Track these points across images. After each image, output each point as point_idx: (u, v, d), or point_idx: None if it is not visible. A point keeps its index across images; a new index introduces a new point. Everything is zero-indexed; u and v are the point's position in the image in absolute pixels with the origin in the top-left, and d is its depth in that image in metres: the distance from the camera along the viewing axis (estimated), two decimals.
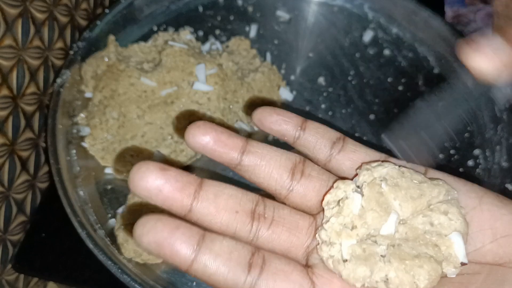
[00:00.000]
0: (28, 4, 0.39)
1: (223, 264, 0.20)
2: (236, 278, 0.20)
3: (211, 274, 0.20)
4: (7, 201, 0.41)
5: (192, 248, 0.19)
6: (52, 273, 0.42)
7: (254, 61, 0.48)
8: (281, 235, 0.22)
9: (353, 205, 0.22)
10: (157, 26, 0.52)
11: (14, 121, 0.40)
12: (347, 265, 0.21)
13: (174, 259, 0.19)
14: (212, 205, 0.21)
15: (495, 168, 0.45)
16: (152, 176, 0.20)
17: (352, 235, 0.21)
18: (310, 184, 0.23)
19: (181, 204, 0.21)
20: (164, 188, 0.20)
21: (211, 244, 0.20)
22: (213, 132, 0.22)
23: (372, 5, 0.54)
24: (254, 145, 0.23)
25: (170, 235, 0.19)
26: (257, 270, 0.20)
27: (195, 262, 0.19)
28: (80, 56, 0.45)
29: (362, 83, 0.50)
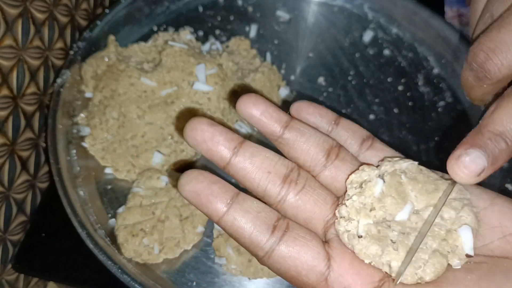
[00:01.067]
0: (28, 4, 0.39)
1: (250, 221, 0.22)
2: (259, 236, 0.22)
3: (238, 228, 0.22)
4: (7, 201, 0.41)
5: (225, 202, 0.22)
6: (52, 273, 0.42)
7: (254, 61, 0.48)
8: (306, 204, 0.23)
9: (375, 188, 0.23)
10: (157, 26, 0.52)
11: (14, 121, 0.40)
12: (361, 241, 0.22)
13: (208, 209, 0.22)
14: (248, 162, 0.23)
15: None
16: (201, 127, 0.23)
17: (370, 215, 0.23)
18: (343, 167, 0.24)
19: (221, 156, 0.23)
20: (209, 139, 0.23)
21: (243, 202, 0.22)
22: (263, 104, 0.24)
23: (372, 5, 0.55)
24: (297, 122, 0.25)
25: (208, 187, 0.22)
26: (280, 232, 0.22)
27: (226, 214, 0.22)
28: (80, 56, 0.45)
29: (362, 83, 0.50)
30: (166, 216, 0.39)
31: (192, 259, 0.39)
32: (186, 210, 0.39)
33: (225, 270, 0.38)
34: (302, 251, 0.22)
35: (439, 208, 0.22)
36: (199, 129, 0.23)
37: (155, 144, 0.42)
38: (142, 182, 0.40)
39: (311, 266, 0.22)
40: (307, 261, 0.22)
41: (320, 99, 0.49)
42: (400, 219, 0.22)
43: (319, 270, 0.22)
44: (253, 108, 0.24)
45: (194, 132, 0.23)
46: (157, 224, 0.38)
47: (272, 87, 0.47)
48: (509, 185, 0.43)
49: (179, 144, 0.42)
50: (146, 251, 0.38)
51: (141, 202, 0.39)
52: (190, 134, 0.23)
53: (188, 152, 0.42)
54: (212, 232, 0.40)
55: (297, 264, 0.22)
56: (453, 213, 0.22)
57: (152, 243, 0.38)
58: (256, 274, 0.38)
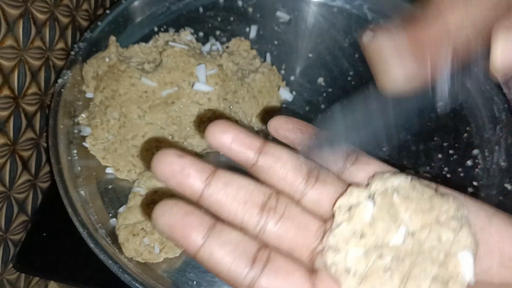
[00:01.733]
0: (29, 5, 0.39)
1: (228, 254, 0.20)
2: (238, 270, 0.20)
3: (216, 263, 0.20)
4: (8, 201, 0.41)
5: (201, 234, 0.20)
6: (53, 273, 0.42)
7: (254, 62, 0.48)
8: (288, 232, 0.22)
9: (365, 212, 0.21)
10: (158, 27, 0.52)
11: (15, 121, 0.40)
12: (349, 278, 0.20)
13: (183, 242, 0.20)
14: (222, 193, 0.22)
15: (494, 168, 0.45)
16: (169, 160, 0.21)
17: (360, 244, 0.21)
18: (324, 189, 0.23)
19: (193, 189, 0.21)
20: (178, 172, 0.21)
21: (220, 234, 0.21)
22: (233, 131, 0.22)
23: (371, 6, 0.55)
24: (271, 147, 0.23)
25: (183, 219, 0.20)
26: (260, 265, 0.20)
27: (202, 248, 0.20)
28: (81, 57, 0.45)
29: (362, 83, 0.50)
30: None
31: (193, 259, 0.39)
32: None
33: None
34: (284, 285, 0.20)
35: None
36: (167, 162, 0.21)
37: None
38: (142, 182, 0.40)
39: None
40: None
41: (319, 99, 0.49)
42: (394, 244, 0.21)
43: None
44: (223, 136, 0.22)
45: (162, 166, 0.21)
46: None
47: (272, 87, 0.47)
48: (508, 185, 0.43)
49: (179, 144, 0.42)
50: (147, 250, 0.38)
51: (142, 202, 0.40)
52: (158, 168, 0.21)
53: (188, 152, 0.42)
54: None
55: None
56: (451, 235, 0.21)
57: (152, 242, 0.38)
58: None
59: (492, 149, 0.46)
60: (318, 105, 0.48)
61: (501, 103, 0.47)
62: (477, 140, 0.47)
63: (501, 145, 0.45)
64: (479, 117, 0.48)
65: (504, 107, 0.46)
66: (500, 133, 0.46)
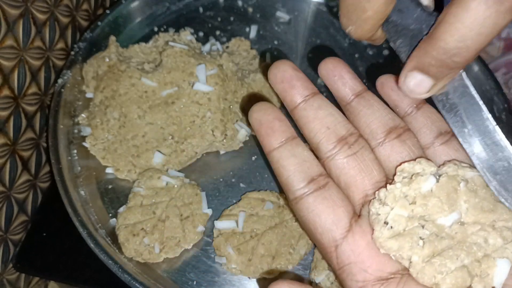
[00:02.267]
0: (29, 5, 0.39)
1: (293, 165, 0.23)
2: (295, 181, 0.23)
3: (280, 166, 0.23)
4: (8, 201, 0.41)
5: (279, 139, 0.23)
6: (53, 273, 0.42)
7: (254, 62, 0.48)
8: (351, 169, 0.23)
9: (425, 183, 0.22)
10: (158, 27, 0.52)
11: (15, 121, 0.40)
12: (383, 229, 0.21)
13: (263, 140, 0.23)
14: (312, 112, 0.24)
15: None
16: (284, 68, 0.24)
17: (407, 207, 0.21)
18: (399, 148, 0.24)
19: (292, 99, 0.24)
20: (287, 81, 0.24)
21: (295, 146, 0.23)
22: (343, 69, 0.26)
23: None
24: (369, 94, 0.25)
25: (272, 121, 0.23)
26: (315, 186, 0.23)
27: (275, 150, 0.23)
28: (81, 57, 0.45)
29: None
30: (166, 216, 0.39)
31: (193, 259, 0.39)
32: (186, 210, 0.39)
33: (225, 269, 0.38)
34: (326, 211, 0.22)
35: None
36: (282, 69, 0.24)
37: (156, 144, 0.42)
38: (142, 182, 0.40)
39: (327, 229, 0.22)
40: (326, 222, 0.22)
41: None
42: (441, 223, 0.21)
43: (333, 236, 0.22)
44: (334, 69, 0.25)
45: (276, 70, 0.24)
46: (158, 223, 0.39)
47: (272, 87, 0.47)
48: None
49: (179, 144, 0.42)
50: (147, 250, 0.38)
51: (142, 202, 0.40)
52: (273, 71, 0.24)
53: (189, 152, 0.42)
54: (212, 231, 0.40)
55: (316, 220, 0.22)
56: (500, 241, 0.21)
57: (152, 242, 0.38)
58: (256, 274, 0.38)
59: None
60: None
61: (501, 103, 0.46)
62: None
63: None
64: None
65: (504, 107, 0.46)
66: None
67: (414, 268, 0.21)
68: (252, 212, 0.40)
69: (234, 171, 0.44)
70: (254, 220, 0.39)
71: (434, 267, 0.20)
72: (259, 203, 0.40)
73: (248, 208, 0.40)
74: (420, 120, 0.25)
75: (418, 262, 0.20)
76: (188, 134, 0.42)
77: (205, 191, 0.42)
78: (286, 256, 0.38)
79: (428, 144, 0.25)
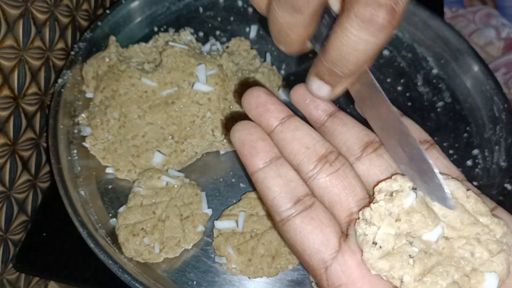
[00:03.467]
0: (29, 5, 0.39)
1: (278, 186, 0.23)
2: (281, 202, 0.23)
3: (265, 187, 0.23)
4: (8, 201, 0.41)
5: (264, 159, 0.23)
6: (53, 273, 0.42)
7: (254, 62, 0.48)
8: (335, 188, 0.23)
9: (406, 199, 0.22)
10: (158, 27, 0.52)
11: (15, 121, 0.40)
12: (373, 250, 0.21)
13: (247, 160, 0.23)
14: (289, 133, 0.24)
15: (494, 168, 0.45)
16: (257, 93, 0.24)
17: (393, 225, 0.21)
18: (378, 162, 0.24)
19: (268, 123, 0.24)
20: (261, 105, 0.24)
21: (280, 166, 0.23)
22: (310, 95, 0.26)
23: None
24: (341, 113, 0.26)
25: (255, 141, 0.23)
26: (301, 207, 0.22)
27: (260, 171, 0.23)
28: (81, 57, 0.45)
29: None
30: (166, 216, 0.39)
31: (193, 259, 0.39)
32: (186, 210, 0.39)
33: (225, 269, 0.38)
34: (314, 232, 0.22)
35: None
36: (256, 95, 0.24)
37: (156, 144, 0.42)
38: (142, 182, 0.40)
39: (316, 250, 0.22)
40: (314, 243, 0.22)
41: None
42: (427, 239, 0.21)
43: (322, 257, 0.22)
44: (304, 96, 0.26)
45: (250, 97, 0.24)
46: (158, 223, 0.39)
47: (272, 87, 0.47)
48: (508, 185, 0.43)
49: (179, 144, 0.42)
50: (147, 250, 0.38)
51: (142, 202, 0.40)
52: (246, 98, 0.24)
53: (189, 152, 0.42)
54: (212, 231, 0.40)
55: (304, 242, 0.22)
56: (486, 254, 0.21)
57: (152, 242, 0.38)
58: (256, 274, 0.38)
59: (492, 149, 0.46)
60: None
61: (501, 103, 0.47)
62: (477, 140, 0.47)
63: (501, 145, 0.45)
64: (479, 117, 0.48)
65: (504, 107, 0.46)
66: (500, 133, 0.46)
67: (405, 287, 0.20)
68: (252, 212, 0.40)
69: (234, 171, 0.44)
70: (254, 220, 0.39)
71: (427, 286, 0.20)
72: (259, 203, 0.40)
73: (248, 208, 0.40)
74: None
75: (410, 282, 0.20)
76: (188, 134, 0.42)
77: (205, 191, 0.42)
78: (286, 256, 0.38)
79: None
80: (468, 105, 0.49)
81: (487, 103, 0.48)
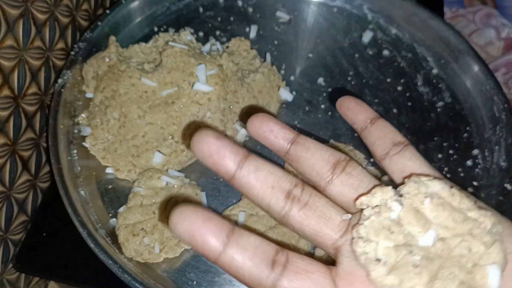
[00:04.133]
0: (29, 5, 0.39)
1: (248, 259, 0.21)
2: (259, 273, 0.21)
3: (237, 268, 0.21)
4: (8, 201, 0.41)
5: (221, 240, 0.21)
6: (53, 273, 0.42)
7: (254, 62, 0.48)
8: (311, 220, 0.23)
9: (392, 213, 0.22)
10: (158, 27, 0.52)
11: (15, 121, 0.40)
12: (379, 267, 0.21)
13: (204, 249, 0.21)
14: (252, 176, 0.23)
15: (494, 168, 0.45)
16: (207, 140, 0.23)
17: (390, 237, 0.21)
18: (349, 180, 0.24)
19: (227, 169, 0.23)
20: (215, 153, 0.23)
21: (239, 239, 0.21)
22: (270, 123, 0.25)
23: (371, 6, 0.55)
24: (302, 138, 0.25)
25: (202, 226, 0.20)
26: (280, 267, 0.21)
27: (223, 254, 0.21)
28: (81, 57, 0.45)
29: (362, 83, 0.50)
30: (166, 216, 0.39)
31: (193, 258, 0.39)
32: None
33: None
34: (305, 284, 0.21)
35: None
36: (206, 141, 0.23)
37: (156, 144, 0.42)
38: (142, 182, 0.40)
39: None
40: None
41: (319, 99, 0.49)
42: (423, 245, 0.21)
43: None
44: (261, 127, 0.25)
45: (200, 145, 0.23)
46: (158, 223, 0.39)
47: (272, 87, 0.47)
48: (508, 185, 0.43)
49: (179, 144, 0.42)
50: (147, 250, 0.38)
51: (142, 202, 0.40)
52: (197, 147, 0.23)
53: (189, 152, 0.42)
54: None
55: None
56: (482, 248, 0.21)
57: (152, 242, 0.38)
58: None
59: (492, 149, 0.46)
60: (318, 105, 0.48)
61: (501, 103, 0.47)
62: (477, 140, 0.47)
63: (501, 145, 0.45)
64: (479, 117, 0.48)
65: (504, 107, 0.46)
66: (500, 133, 0.46)
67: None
68: (252, 212, 0.40)
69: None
70: (254, 220, 0.39)
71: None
72: None
73: (248, 208, 0.40)
74: (374, 133, 0.26)
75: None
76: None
77: (205, 191, 0.42)
78: None
79: (383, 155, 0.26)
80: (468, 105, 0.49)
81: (487, 103, 0.48)
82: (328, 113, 0.48)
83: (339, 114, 0.29)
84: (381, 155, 0.26)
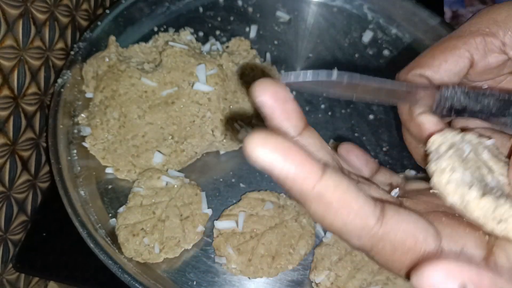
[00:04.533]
0: (29, 5, 0.39)
1: (355, 189, 0.17)
2: (366, 204, 0.17)
3: (342, 193, 0.17)
4: (8, 201, 0.41)
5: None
6: (52, 273, 0.42)
7: (254, 62, 0.48)
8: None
9: (463, 151, 0.21)
10: (158, 27, 0.52)
11: (15, 121, 0.40)
12: (472, 191, 0.20)
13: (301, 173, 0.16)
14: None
15: None
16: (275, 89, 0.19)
17: (469, 168, 0.21)
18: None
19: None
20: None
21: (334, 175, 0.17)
22: (356, 149, 0.28)
23: (371, 6, 0.55)
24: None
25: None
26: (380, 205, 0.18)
27: (324, 177, 0.17)
28: (81, 57, 0.45)
29: None
30: (166, 216, 0.39)
31: (193, 259, 0.39)
32: (186, 210, 0.39)
33: (225, 269, 0.38)
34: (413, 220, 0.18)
35: None
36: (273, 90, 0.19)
37: (156, 144, 0.42)
38: (142, 182, 0.40)
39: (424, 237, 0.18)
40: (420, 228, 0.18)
41: (320, 99, 0.49)
42: (494, 184, 0.21)
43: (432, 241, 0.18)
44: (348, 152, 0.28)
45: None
46: (158, 223, 0.39)
47: None
48: None
49: (179, 144, 0.42)
50: (147, 250, 0.38)
51: (142, 202, 0.40)
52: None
53: (188, 152, 0.42)
54: (212, 231, 0.40)
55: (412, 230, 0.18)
56: None
57: (152, 242, 0.38)
58: (256, 274, 0.38)
59: None
60: (318, 105, 0.48)
61: None
62: None
63: None
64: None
65: None
66: None
67: (507, 222, 0.20)
68: (252, 212, 0.40)
69: (234, 171, 0.44)
70: (254, 220, 0.39)
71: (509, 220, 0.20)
72: (259, 203, 0.40)
73: (248, 208, 0.40)
74: (378, 180, 0.28)
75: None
76: (188, 134, 0.42)
77: (205, 191, 0.42)
78: (286, 256, 0.38)
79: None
80: None
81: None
82: (328, 113, 0.48)
83: (339, 114, 0.29)
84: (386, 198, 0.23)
